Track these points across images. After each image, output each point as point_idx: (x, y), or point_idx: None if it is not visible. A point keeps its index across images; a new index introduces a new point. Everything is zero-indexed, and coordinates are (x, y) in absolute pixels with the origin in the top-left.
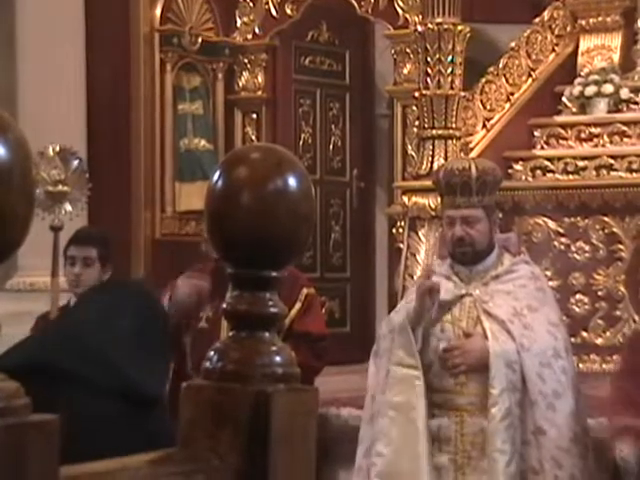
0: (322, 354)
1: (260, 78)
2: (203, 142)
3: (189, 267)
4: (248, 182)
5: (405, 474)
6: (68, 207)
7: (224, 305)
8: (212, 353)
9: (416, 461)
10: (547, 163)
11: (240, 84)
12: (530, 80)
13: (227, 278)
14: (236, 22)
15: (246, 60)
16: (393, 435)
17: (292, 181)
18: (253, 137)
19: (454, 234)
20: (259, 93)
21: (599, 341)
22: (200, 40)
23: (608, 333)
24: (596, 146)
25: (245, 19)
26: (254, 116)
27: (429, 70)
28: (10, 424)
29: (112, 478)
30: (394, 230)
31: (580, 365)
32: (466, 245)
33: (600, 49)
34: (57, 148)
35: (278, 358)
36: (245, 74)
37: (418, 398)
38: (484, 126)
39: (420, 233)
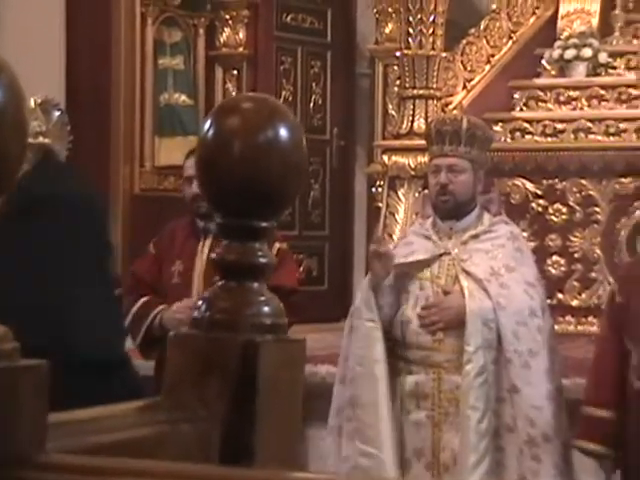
0: (295, 308)
1: (241, 34)
2: (183, 97)
3: (165, 225)
4: (239, 132)
5: (370, 426)
6: None
7: (213, 255)
8: (200, 302)
9: (378, 416)
10: (526, 125)
11: (221, 40)
12: (510, 42)
13: (199, 232)
14: None
15: (227, 16)
16: (359, 394)
17: (283, 132)
18: (233, 94)
19: (438, 181)
20: (240, 49)
21: (575, 303)
22: None
23: (584, 295)
24: (574, 109)
25: None
26: (235, 72)
27: (411, 30)
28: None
29: (99, 425)
30: (373, 189)
31: (556, 326)
32: (448, 193)
33: (579, 13)
34: (39, 100)
35: (267, 308)
36: (226, 30)
37: (379, 351)
38: (464, 87)
39: (399, 192)
